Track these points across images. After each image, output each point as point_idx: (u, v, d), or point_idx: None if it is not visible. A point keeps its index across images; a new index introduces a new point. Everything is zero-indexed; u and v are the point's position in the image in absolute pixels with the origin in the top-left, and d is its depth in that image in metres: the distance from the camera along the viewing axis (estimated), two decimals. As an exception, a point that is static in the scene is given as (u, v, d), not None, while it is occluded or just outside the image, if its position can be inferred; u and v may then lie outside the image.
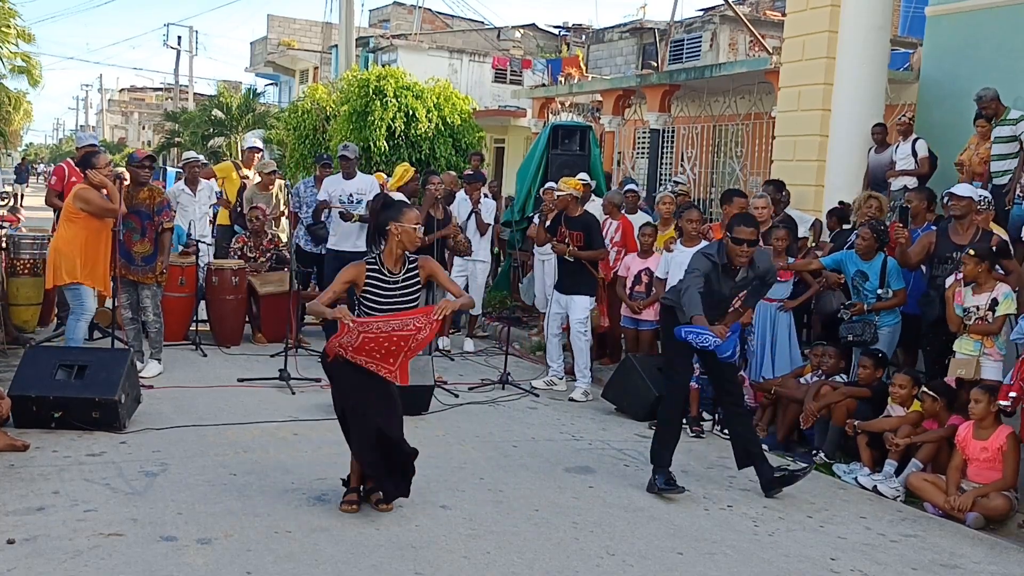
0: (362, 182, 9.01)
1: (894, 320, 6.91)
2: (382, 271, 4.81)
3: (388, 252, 4.84)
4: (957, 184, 7.11)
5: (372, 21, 34.15)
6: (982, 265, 6.12)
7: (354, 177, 9.06)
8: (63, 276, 7.23)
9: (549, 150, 10.85)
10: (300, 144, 17.77)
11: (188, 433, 6.07)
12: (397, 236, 4.78)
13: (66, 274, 7.22)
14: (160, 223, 7.66)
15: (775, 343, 7.47)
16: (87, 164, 7.31)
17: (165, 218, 7.72)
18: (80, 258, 7.22)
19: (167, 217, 7.75)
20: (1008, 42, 9.32)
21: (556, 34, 28.96)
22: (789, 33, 10.71)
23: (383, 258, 4.84)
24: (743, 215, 5.82)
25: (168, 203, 7.89)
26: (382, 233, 4.83)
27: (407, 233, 4.79)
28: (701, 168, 14.83)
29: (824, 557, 4.66)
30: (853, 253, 7.05)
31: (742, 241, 5.43)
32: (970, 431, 5.64)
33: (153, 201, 7.66)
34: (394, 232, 4.78)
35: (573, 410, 7.52)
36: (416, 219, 4.86)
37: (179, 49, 46.66)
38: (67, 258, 7.20)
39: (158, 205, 7.68)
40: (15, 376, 6.08)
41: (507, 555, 4.40)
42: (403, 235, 4.79)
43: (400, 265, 4.85)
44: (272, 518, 4.66)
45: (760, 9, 20.09)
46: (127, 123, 66.92)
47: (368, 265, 4.82)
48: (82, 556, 4.07)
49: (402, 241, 4.80)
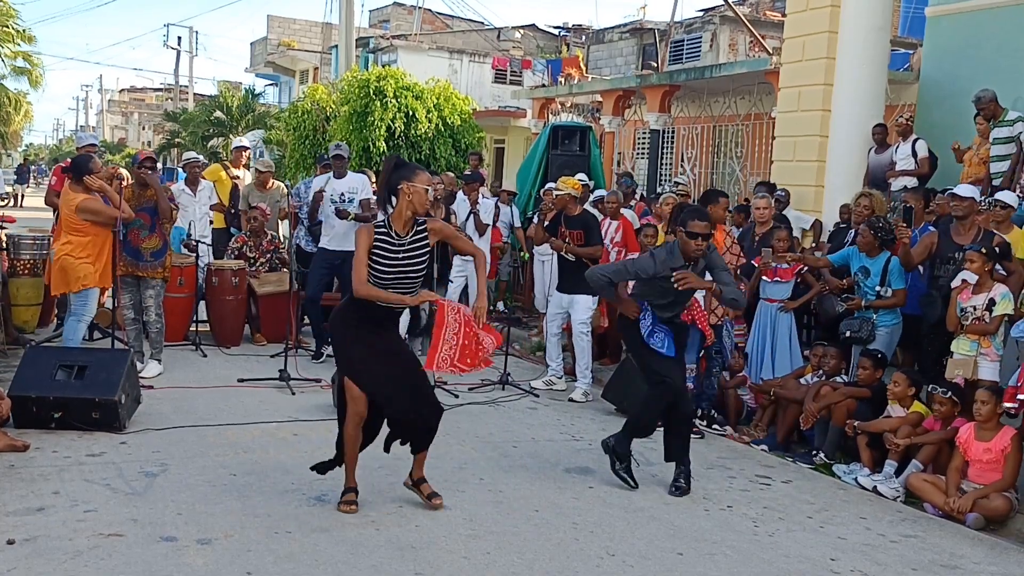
0: (353, 181, 8.90)
1: (893, 321, 6.91)
2: (390, 233, 4.74)
3: (397, 214, 4.77)
4: (960, 185, 7.11)
5: (372, 21, 34.18)
6: (988, 264, 6.15)
7: (345, 176, 8.99)
8: (78, 284, 7.12)
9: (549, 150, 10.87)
10: (300, 144, 17.77)
11: (188, 433, 6.06)
12: (408, 197, 4.70)
13: (81, 282, 7.13)
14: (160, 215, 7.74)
15: (775, 344, 7.48)
16: (82, 171, 7.16)
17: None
18: (93, 264, 7.15)
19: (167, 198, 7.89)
20: (1008, 42, 9.33)
21: (556, 34, 28.99)
22: (789, 34, 10.71)
23: (391, 220, 4.78)
24: (696, 209, 5.82)
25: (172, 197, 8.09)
26: (393, 193, 4.76)
27: (418, 194, 4.71)
28: (701, 169, 14.84)
29: (824, 557, 4.66)
30: (856, 249, 7.08)
31: (696, 235, 5.44)
32: (972, 432, 5.63)
33: (158, 196, 7.66)
34: (405, 192, 4.70)
35: (573, 410, 7.52)
36: (428, 181, 4.78)
37: (179, 49, 46.64)
38: (81, 267, 7.08)
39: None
40: (15, 376, 6.08)
41: (507, 555, 4.40)
42: (414, 196, 4.70)
43: (409, 228, 4.78)
44: (272, 518, 4.65)
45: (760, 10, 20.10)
46: (127, 123, 66.94)
47: (376, 227, 4.78)
48: (82, 556, 4.07)
49: (412, 202, 4.71)
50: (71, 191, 7.19)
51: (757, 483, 5.87)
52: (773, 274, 7.52)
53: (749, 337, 7.73)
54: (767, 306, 7.58)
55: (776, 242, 7.52)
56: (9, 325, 8.60)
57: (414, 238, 4.79)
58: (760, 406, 7.28)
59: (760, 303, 7.64)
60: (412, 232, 4.78)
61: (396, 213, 4.77)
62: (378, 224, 4.80)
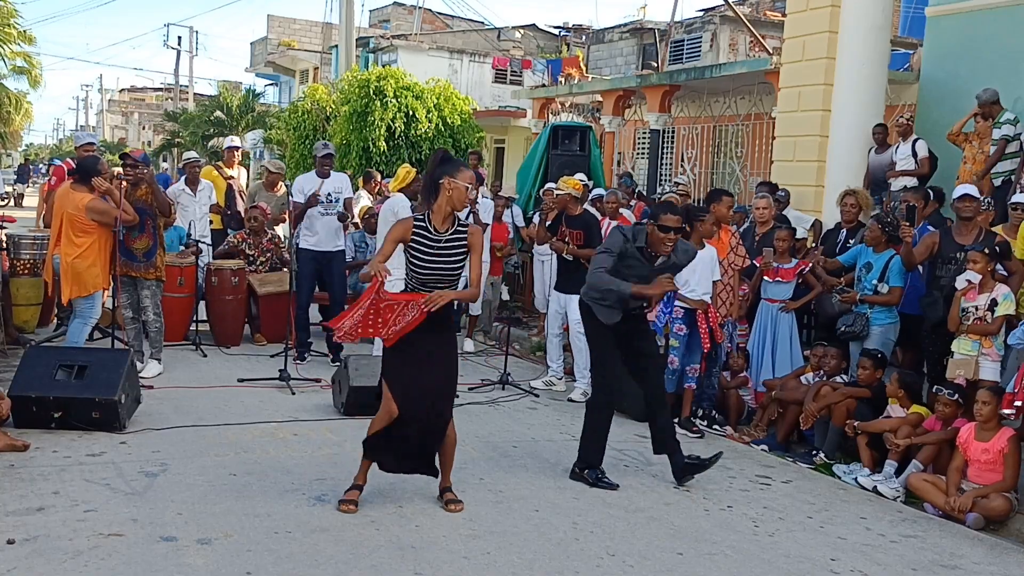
0: (338, 181, 8.87)
1: (888, 320, 6.91)
2: (428, 228, 4.74)
3: (437, 209, 4.76)
4: (965, 185, 7.11)
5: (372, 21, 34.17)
6: (990, 265, 6.15)
7: (329, 176, 8.83)
8: (87, 288, 7.12)
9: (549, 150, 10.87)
10: (300, 144, 17.79)
11: (188, 433, 6.06)
12: (448, 192, 4.70)
13: (91, 286, 7.13)
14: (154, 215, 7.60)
15: (776, 344, 7.48)
16: (90, 172, 7.17)
17: None
18: (99, 266, 7.16)
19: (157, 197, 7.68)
20: (1008, 42, 9.32)
21: (556, 34, 28.99)
22: (789, 34, 10.71)
23: (431, 215, 4.77)
24: (667, 203, 5.83)
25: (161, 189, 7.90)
26: (435, 187, 4.75)
27: (458, 190, 4.70)
28: (701, 169, 14.83)
29: (824, 558, 4.66)
30: (864, 245, 7.09)
31: (668, 229, 5.44)
32: (972, 432, 5.63)
33: (148, 196, 7.60)
34: (446, 187, 4.70)
35: (573, 410, 7.51)
36: (470, 179, 4.76)
37: (179, 49, 46.63)
38: (90, 271, 7.10)
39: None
40: (15, 376, 6.07)
41: (507, 555, 4.40)
42: (454, 192, 4.70)
43: (448, 224, 4.78)
44: (272, 518, 4.65)
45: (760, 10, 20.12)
46: (127, 123, 66.93)
47: (416, 221, 4.77)
48: (82, 556, 4.07)
49: (452, 198, 4.71)
50: (75, 191, 7.17)
51: (757, 483, 5.88)
52: (774, 274, 7.52)
53: (750, 337, 7.74)
54: (768, 306, 7.59)
55: (777, 242, 7.53)
56: (9, 325, 8.59)
57: (452, 236, 4.77)
58: (760, 406, 7.29)
59: (761, 303, 7.65)
60: (451, 230, 4.78)
61: (436, 208, 4.76)
62: (418, 218, 4.80)
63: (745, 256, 7.43)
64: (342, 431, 6.31)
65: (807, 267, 7.52)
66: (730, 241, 7.34)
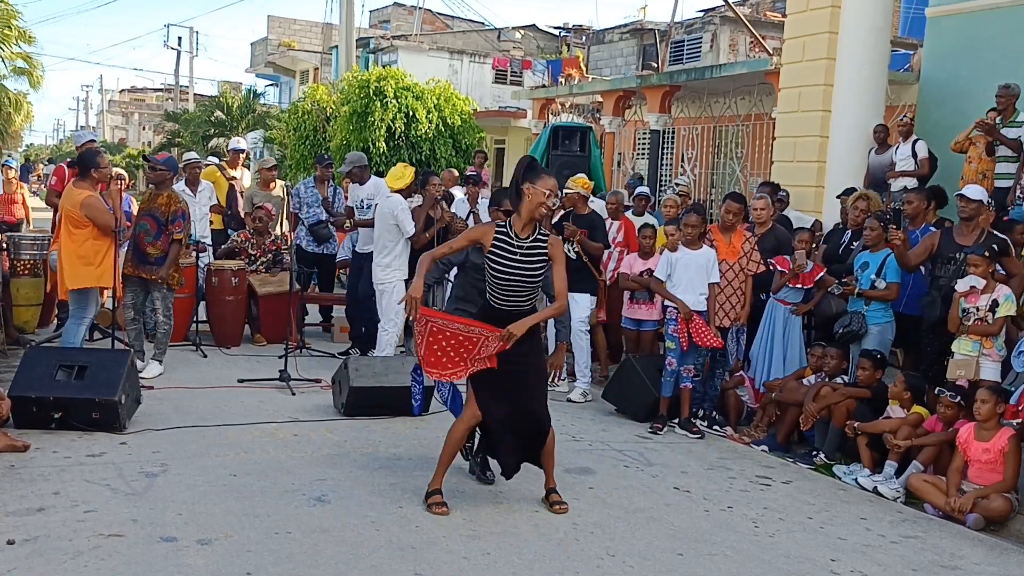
0: (372, 187, 9.26)
1: (885, 319, 6.90)
2: (509, 235, 4.78)
3: (519, 215, 4.81)
4: (968, 186, 7.09)
5: (372, 22, 34.19)
6: (991, 266, 6.15)
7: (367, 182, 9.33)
8: (83, 281, 7.08)
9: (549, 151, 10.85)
10: (300, 145, 17.79)
11: (188, 434, 6.06)
12: (528, 197, 4.74)
13: (85, 279, 7.10)
14: (171, 232, 7.54)
15: (787, 345, 7.43)
16: (89, 164, 7.16)
17: (176, 228, 7.55)
18: (94, 261, 7.12)
19: (178, 227, 7.57)
20: (1009, 43, 9.32)
21: (556, 35, 28.99)
22: (789, 34, 10.71)
23: (513, 221, 4.81)
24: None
25: (183, 213, 7.67)
26: (518, 193, 4.79)
27: (537, 195, 4.72)
28: (701, 169, 14.84)
29: (824, 558, 4.65)
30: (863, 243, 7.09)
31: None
32: (972, 432, 5.63)
33: (169, 209, 7.58)
34: (526, 193, 4.74)
35: (573, 410, 7.51)
36: (551, 187, 4.77)
37: (179, 50, 46.67)
38: (83, 264, 7.07)
39: (172, 214, 7.56)
40: (15, 377, 6.07)
41: (507, 555, 4.40)
42: (532, 198, 4.72)
43: (529, 231, 4.81)
44: (272, 518, 4.65)
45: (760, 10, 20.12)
46: (127, 124, 66.90)
47: (498, 227, 4.82)
48: (82, 557, 4.07)
49: (530, 203, 4.75)
50: (76, 188, 7.17)
51: (757, 484, 5.87)
52: (797, 279, 7.43)
53: (756, 337, 7.66)
54: (778, 307, 7.48)
55: (798, 243, 7.43)
56: (9, 325, 8.59)
57: (532, 244, 4.80)
58: (760, 407, 7.27)
59: (770, 303, 7.53)
60: (532, 237, 4.80)
61: (519, 215, 4.81)
62: (500, 224, 4.84)
63: (760, 262, 7.31)
64: (342, 431, 6.31)
65: (824, 271, 7.45)
66: (743, 246, 7.28)
